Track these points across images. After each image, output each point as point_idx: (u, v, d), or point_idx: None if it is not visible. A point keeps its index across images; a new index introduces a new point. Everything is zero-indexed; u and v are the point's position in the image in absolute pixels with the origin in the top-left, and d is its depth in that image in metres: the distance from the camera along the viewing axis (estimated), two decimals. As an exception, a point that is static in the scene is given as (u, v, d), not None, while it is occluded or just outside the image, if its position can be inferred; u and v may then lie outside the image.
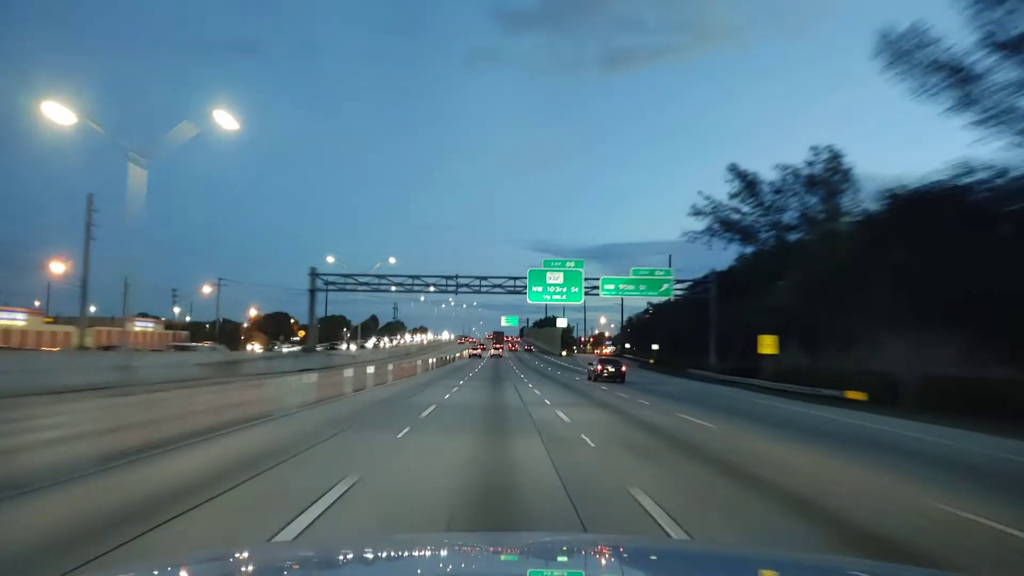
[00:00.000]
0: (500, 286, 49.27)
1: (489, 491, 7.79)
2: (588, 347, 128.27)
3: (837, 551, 5.77)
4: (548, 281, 44.88)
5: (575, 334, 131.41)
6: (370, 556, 2.22)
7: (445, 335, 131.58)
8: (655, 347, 65.09)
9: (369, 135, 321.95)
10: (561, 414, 17.56)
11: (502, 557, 2.35)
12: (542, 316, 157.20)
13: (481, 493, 7.67)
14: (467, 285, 50.02)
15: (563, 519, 6.46)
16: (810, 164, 42.18)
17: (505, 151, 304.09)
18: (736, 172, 47.20)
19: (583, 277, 45.26)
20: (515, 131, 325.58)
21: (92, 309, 49.47)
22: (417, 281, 50.37)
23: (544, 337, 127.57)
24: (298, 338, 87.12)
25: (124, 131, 22.38)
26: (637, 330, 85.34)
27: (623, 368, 36.91)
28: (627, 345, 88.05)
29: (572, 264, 45.48)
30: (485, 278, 49.63)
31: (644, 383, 37.54)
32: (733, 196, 47.76)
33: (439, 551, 2.41)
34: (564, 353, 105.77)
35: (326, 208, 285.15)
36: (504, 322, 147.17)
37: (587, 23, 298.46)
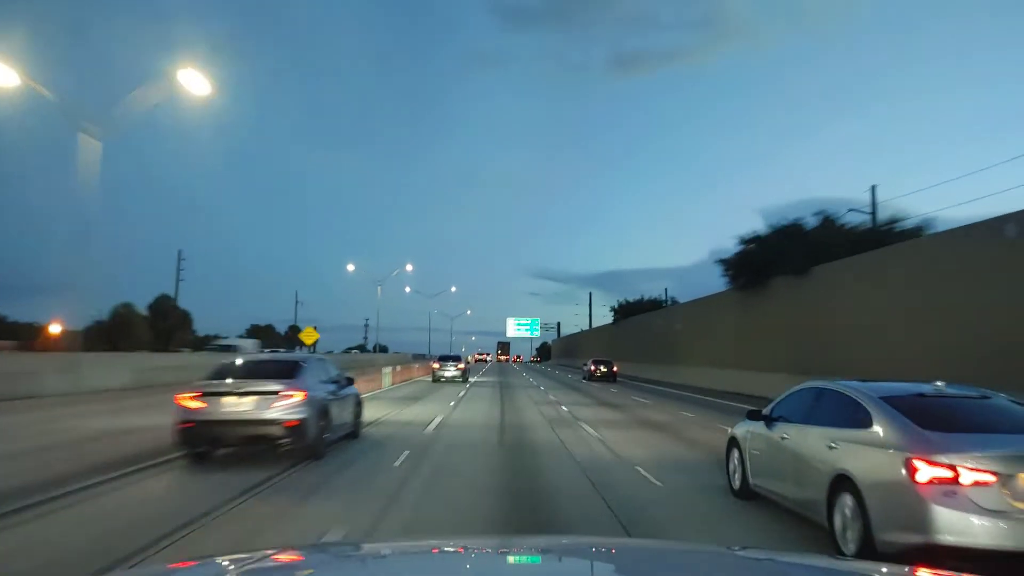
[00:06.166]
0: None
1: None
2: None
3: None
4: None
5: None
6: (387, 563, 2.28)
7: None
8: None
9: (355, 148, 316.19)
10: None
11: (512, 559, 2.41)
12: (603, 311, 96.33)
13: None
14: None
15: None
16: None
17: (502, 170, 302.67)
18: None
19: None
20: (513, 151, 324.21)
21: None
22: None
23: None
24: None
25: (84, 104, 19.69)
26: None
27: (615, 368, 41.81)
28: None
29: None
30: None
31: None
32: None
33: (454, 558, 2.37)
34: None
35: (308, 228, 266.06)
36: (515, 328, 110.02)
37: (595, 23, 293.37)
